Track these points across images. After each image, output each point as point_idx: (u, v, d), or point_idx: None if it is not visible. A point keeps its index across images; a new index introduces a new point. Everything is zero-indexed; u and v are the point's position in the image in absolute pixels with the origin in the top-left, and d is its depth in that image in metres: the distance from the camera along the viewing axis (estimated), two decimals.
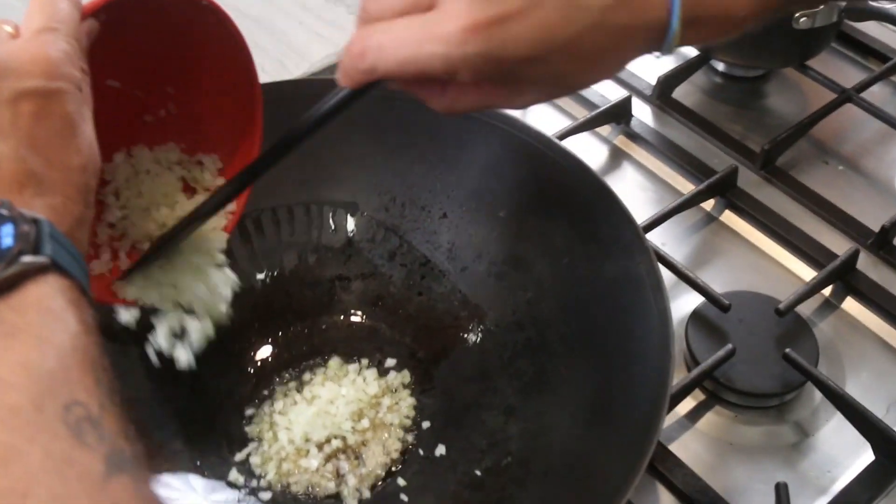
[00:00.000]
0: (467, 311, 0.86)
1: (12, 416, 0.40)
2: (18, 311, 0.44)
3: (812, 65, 1.13)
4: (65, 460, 0.39)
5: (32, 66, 0.51)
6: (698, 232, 0.99)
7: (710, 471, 0.79)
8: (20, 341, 0.43)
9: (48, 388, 0.41)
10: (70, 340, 0.44)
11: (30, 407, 0.40)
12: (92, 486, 0.39)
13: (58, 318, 0.45)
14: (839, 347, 0.88)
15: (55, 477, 0.38)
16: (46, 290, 0.45)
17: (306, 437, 0.78)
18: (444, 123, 0.86)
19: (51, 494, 0.38)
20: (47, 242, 0.46)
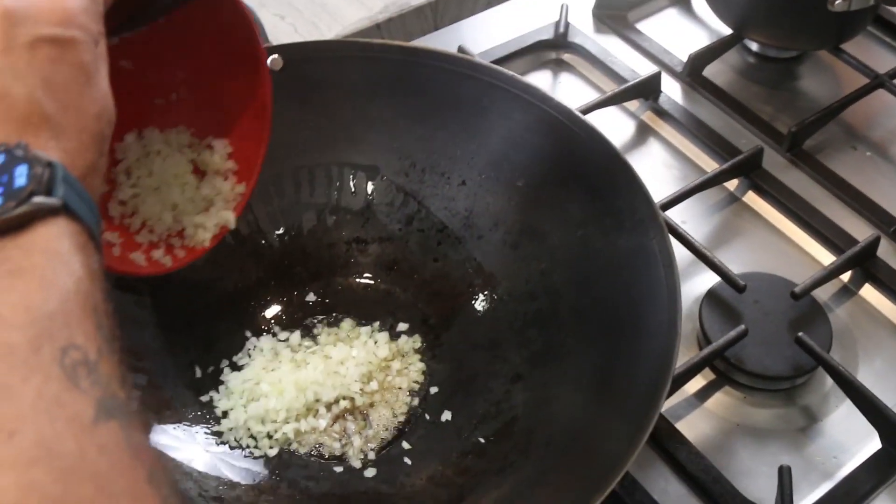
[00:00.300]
0: (481, 279, 0.86)
1: (8, 353, 0.40)
2: (25, 251, 0.44)
3: (846, 48, 1.12)
4: (56, 402, 0.39)
5: (50, 14, 0.52)
6: (720, 211, 0.99)
7: (716, 450, 0.79)
8: (24, 281, 0.43)
9: (47, 330, 0.41)
10: (74, 284, 0.44)
11: (26, 347, 0.40)
12: (80, 430, 0.39)
13: (63, 262, 0.45)
14: (854, 334, 0.88)
15: (44, 417, 0.38)
16: (55, 233, 0.45)
17: (316, 397, 0.79)
18: (467, 91, 0.86)
19: (38, 435, 0.38)
20: (60, 185, 0.46)
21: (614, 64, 1.11)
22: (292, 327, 0.84)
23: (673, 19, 1.22)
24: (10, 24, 0.50)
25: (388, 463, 0.76)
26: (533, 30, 1.15)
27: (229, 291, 0.86)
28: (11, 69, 0.49)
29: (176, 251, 0.72)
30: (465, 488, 0.73)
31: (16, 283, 0.43)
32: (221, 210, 0.73)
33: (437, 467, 0.75)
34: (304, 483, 0.74)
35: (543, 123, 0.84)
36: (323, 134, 0.89)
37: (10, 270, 0.43)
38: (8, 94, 0.49)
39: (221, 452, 0.76)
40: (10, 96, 0.49)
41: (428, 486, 0.74)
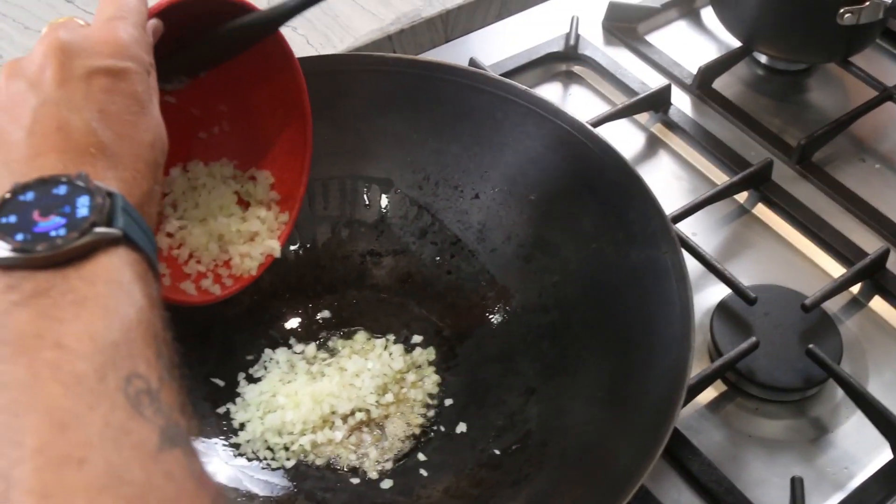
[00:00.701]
0: (494, 292, 0.87)
1: (76, 383, 0.41)
2: (88, 281, 0.45)
3: (855, 61, 1.12)
4: (122, 430, 0.40)
5: (103, 46, 0.54)
6: (730, 224, 0.99)
7: (728, 461, 0.80)
8: (88, 311, 0.43)
9: (111, 359, 0.42)
10: (136, 313, 0.45)
11: (93, 376, 0.41)
12: (146, 457, 0.40)
13: (125, 291, 0.45)
14: (864, 346, 0.89)
15: (111, 446, 0.39)
16: (116, 263, 0.46)
17: (332, 409, 0.79)
18: (481, 105, 0.87)
19: (106, 463, 0.39)
20: (120, 215, 0.47)
21: (624, 76, 1.12)
22: (308, 339, 0.85)
23: (682, 32, 1.23)
24: (67, 56, 0.52)
25: (404, 475, 0.77)
26: (543, 42, 1.16)
27: (245, 304, 0.86)
28: (68, 101, 0.51)
29: (224, 280, 0.74)
30: (481, 500, 0.73)
31: (80, 312, 0.43)
32: (266, 239, 0.76)
33: (452, 479, 0.76)
34: (321, 494, 0.75)
35: (556, 137, 0.85)
36: (336, 147, 0.90)
37: (74, 300, 0.44)
38: (66, 126, 0.50)
39: (239, 465, 0.76)
40: (69, 127, 0.50)
41: (444, 497, 0.74)
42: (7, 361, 0.42)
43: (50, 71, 0.52)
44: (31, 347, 0.42)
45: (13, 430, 0.39)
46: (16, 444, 0.39)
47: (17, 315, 0.43)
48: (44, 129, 0.50)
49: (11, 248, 0.45)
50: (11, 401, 0.40)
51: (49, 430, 0.39)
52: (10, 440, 0.39)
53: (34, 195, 0.47)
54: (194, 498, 0.40)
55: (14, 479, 0.38)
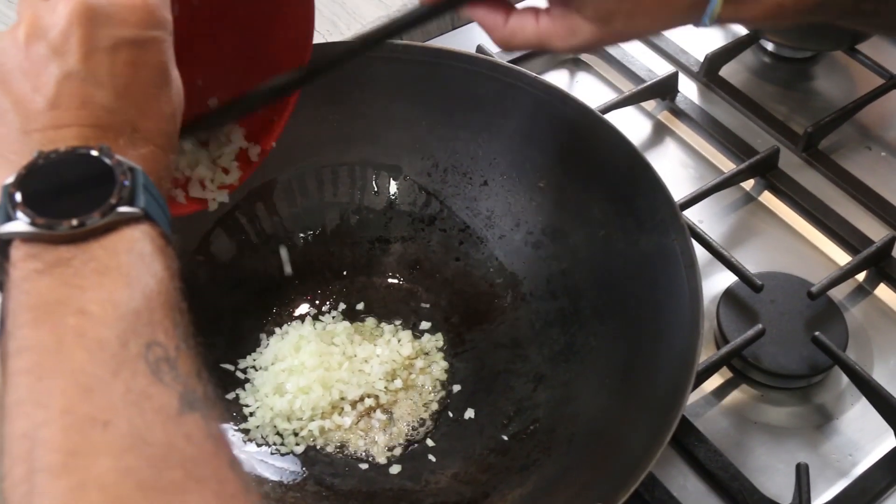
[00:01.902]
0: (503, 279, 0.87)
1: (99, 349, 0.42)
2: (110, 252, 0.46)
3: (861, 49, 1.12)
4: (144, 395, 0.41)
5: (130, 13, 0.52)
6: (736, 211, 1.00)
7: (733, 448, 0.80)
8: (110, 279, 0.45)
9: (133, 327, 0.43)
10: (156, 284, 0.46)
11: (115, 342, 0.42)
12: (167, 420, 0.41)
13: (146, 263, 0.46)
14: (869, 333, 0.89)
15: (134, 409, 0.40)
16: (137, 236, 0.47)
17: (341, 395, 0.80)
18: (490, 92, 0.87)
19: (130, 425, 0.40)
20: (141, 194, 0.48)
21: (631, 64, 1.12)
22: (317, 326, 0.85)
23: None
24: (94, 24, 0.50)
25: (413, 460, 0.78)
26: None
27: (254, 290, 0.87)
28: (94, 76, 0.50)
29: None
30: (489, 485, 0.74)
31: (103, 280, 0.45)
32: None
33: (460, 465, 0.77)
34: (330, 480, 0.76)
35: (565, 124, 0.85)
36: (346, 134, 0.90)
37: (96, 269, 0.45)
38: (91, 102, 0.50)
39: (250, 450, 0.77)
40: (93, 104, 0.50)
41: (452, 483, 0.75)
42: (30, 326, 0.43)
43: (75, 39, 0.50)
44: (55, 313, 0.43)
45: (37, 393, 0.41)
46: (41, 405, 0.40)
47: (39, 282, 0.44)
48: (67, 103, 0.50)
49: (31, 222, 0.45)
50: (35, 364, 0.42)
51: (75, 393, 0.41)
52: (35, 402, 0.41)
53: (57, 167, 0.47)
54: (213, 458, 0.42)
55: (40, 439, 0.39)
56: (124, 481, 0.38)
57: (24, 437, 0.40)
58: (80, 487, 0.38)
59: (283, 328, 0.85)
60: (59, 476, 0.38)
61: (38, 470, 0.39)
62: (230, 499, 0.41)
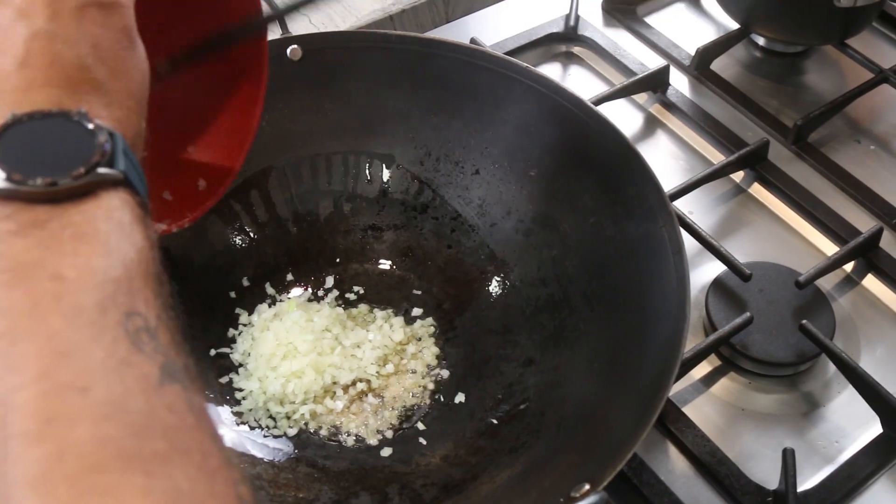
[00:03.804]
0: (494, 266, 0.88)
1: (76, 315, 0.40)
2: (89, 217, 0.44)
3: (852, 43, 1.13)
4: (124, 363, 0.39)
5: None
6: (726, 202, 1.01)
7: (721, 434, 0.81)
8: (89, 246, 0.43)
9: (111, 295, 0.41)
10: (135, 253, 0.44)
11: (94, 309, 0.40)
12: (148, 389, 0.39)
13: (125, 232, 0.45)
14: (856, 322, 0.90)
15: (114, 376, 0.39)
16: (116, 203, 0.45)
17: (334, 379, 0.81)
18: (482, 82, 0.88)
19: (109, 392, 0.38)
20: (120, 157, 0.46)
21: (623, 57, 1.13)
22: (310, 312, 0.86)
23: (681, 14, 1.24)
24: None
25: (404, 443, 0.79)
26: (543, 22, 1.17)
27: (248, 276, 0.88)
28: (62, 34, 0.49)
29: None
30: (479, 467, 0.75)
31: (80, 247, 0.43)
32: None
33: (450, 447, 0.78)
34: (322, 462, 0.77)
35: (556, 114, 0.86)
36: (339, 123, 0.91)
37: (74, 235, 0.43)
38: (60, 60, 0.48)
39: (243, 431, 0.78)
40: (63, 62, 0.48)
41: (442, 465, 0.76)
42: (3, 288, 0.41)
43: (40, 1, 0.49)
44: (30, 276, 0.41)
45: (11, 357, 0.39)
46: (15, 369, 0.39)
47: (14, 243, 0.43)
48: (37, 62, 0.48)
49: (7, 177, 0.43)
50: (9, 328, 0.40)
51: (51, 358, 0.39)
52: (9, 366, 0.39)
53: (33, 127, 0.46)
54: (195, 430, 0.40)
55: (14, 404, 0.38)
56: (104, 449, 0.37)
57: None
58: (57, 455, 0.36)
59: (277, 314, 0.85)
60: (34, 443, 0.37)
61: (12, 436, 0.37)
62: (213, 472, 0.39)
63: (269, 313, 0.85)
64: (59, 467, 0.36)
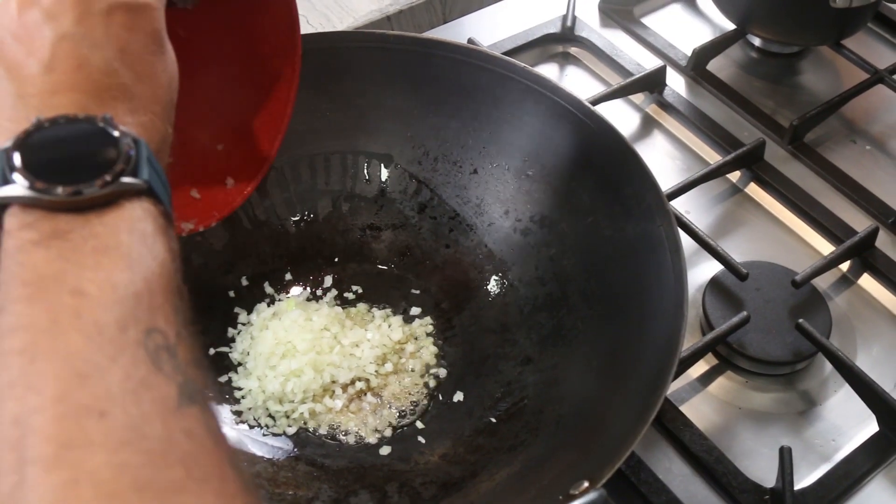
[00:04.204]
0: (492, 265, 0.89)
1: (97, 333, 0.40)
2: (111, 229, 0.44)
3: (847, 44, 1.14)
4: (143, 384, 0.39)
5: None
6: (723, 202, 1.01)
7: (718, 432, 0.82)
8: (110, 259, 0.42)
9: (132, 312, 0.41)
10: (157, 267, 0.44)
11: (114, 327, 0.40)
12: (167, 413, 0.39)
13: (147, 244, 0.44)
14: (852, 321, 0.90)
15: (132, 399, 0.38)
16: (139, 213, 0.45)
17: (332, 378, 0.81)
18: (480, 82, 0.89)
19: (127, 416, 0.38)
20: (145, 165, 0.46)
21: (620, 57, 1.13)
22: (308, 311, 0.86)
23: (677, 14, 1.24)
24: None
25: (403, 441, 0.79)
26: (540, 23, 1.17)
27: (247, 276, 0.88)
28: (89, 38, 0.48)
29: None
30: (478, 465, 0.75)
31: (102, 260, 0.42)
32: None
33: (449, 446, 0.78)
34: (321, 460, 0.77)
35: (554, 114, 0.86)
36: (338, 122, 0.91)
37: (96, 247, 0.43)
38: (87, 64, 0.48)
39: (242, 430, 0.78)
40: (89, 66, 0.48)
41: (441, 463, 0.76)
42: (23, 302, 0.41)
43: (68, 3, 0.49)
44: (50, 290, 0.41)
45: (30, 376, 0.39)
46: (34, 390, 0.38)
47: (35, 254, 0.42)
48: (63, 66, 0.48)
49: (31, 185, 0.43)
50: (28, 344, 0.40)
51: (69, 379, 0.38)
52: (28, 385, 0.38)
53: (58, 133, 0.45)
54: (212, 455, 0.40)
55: (32, 427, 0.37)
56: (120, 478, 0.36)
57: (15, 424, 0.38)
58: (72, 483, 0.36)
59: (276, 313, 0.85)
60: (51, 469, 0.36)
61: (29, 461, 0.37)
62: (231, 499, 0.39)
63: (268, 312, 0.85)
64: (74, 495, 0.36)
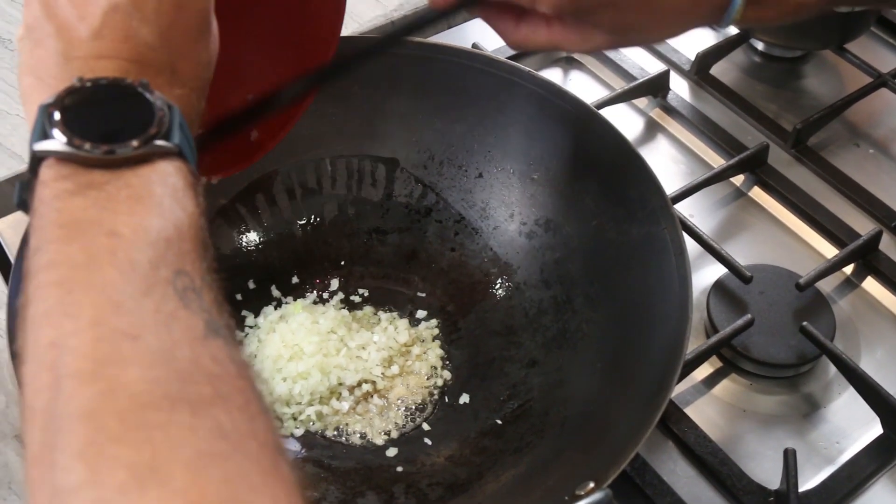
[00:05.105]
0: (497, 268, 0.89)
1: (130, 269, 0.42)
2: (145, 181, 0.46)
3: (850, 48, 1.14)
4: (172, 316, 0.41)
5: None
6: (726, 206, 1.02)
7: (722, 434, 0.82)
8: (144, 206, 0.45)
9: (162, 254, 0.43)
10: (186, 217, 0.46)
11: (146, 265, 0.43)
12: (194, 340, 0.41)
13: (178, 196, 0.47)
14: (856, 324, 0.91)
15: (163, 328, 0.41)
16: (171, 170, 0.47)
17: (339, 381, 0.81)
18: (485, 86, 0.89)
19: (159, 341, 0.40)
20: (177, 131, 0.48)
21: (623, 62, 1.14)
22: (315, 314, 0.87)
23: None
24: None
25: (409, 443, 0.79)
26: None
27: (254, 279, 0.88)
28: (140, 12, 0.51)
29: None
30: (483, 467, 0.76)
31: (136, 207, 0.45)
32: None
33: (455, 447, 0.78)
34: (328, 461, 0.77)
35: (559, 117, 0.86)
36: (344, 127, 0.92)
37: (130, 195, 0.45)
38: (135, 37, 0.50)
39: None
40: (136, 39, 0.50)
41: (447, 465, 0.77)
42: (60, 241, 0.43)
43: None
44: (87, 232, 0.43)
45: (67, 305, 0.41)
46: (70, 316, 0.41)
47: (71, 202, 0.45)
48: (112, 35, 0.50)
49: (69, 141, 0.45)
50: (65, 277, 0.42)
51: (105, 307, 0.41)
52: (64, 312, 0.41)
53: (97, 95, 0.48)
54: (236, 380, 0.42)
55: (69, 347, 0.40)
56: (153, 390, 0.39)
57: (51, 346, 0.40)
58: (109, 393, 0.38)
59: (283, 316, 0.86)
60: (88, 382, 0.39)
61: (66, 375, 0.39)
62: (254, 416, 0.41)
63: (275, 315, 0.85)
64: (110, 403, 0.38)
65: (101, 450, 0.37)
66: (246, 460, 0.39)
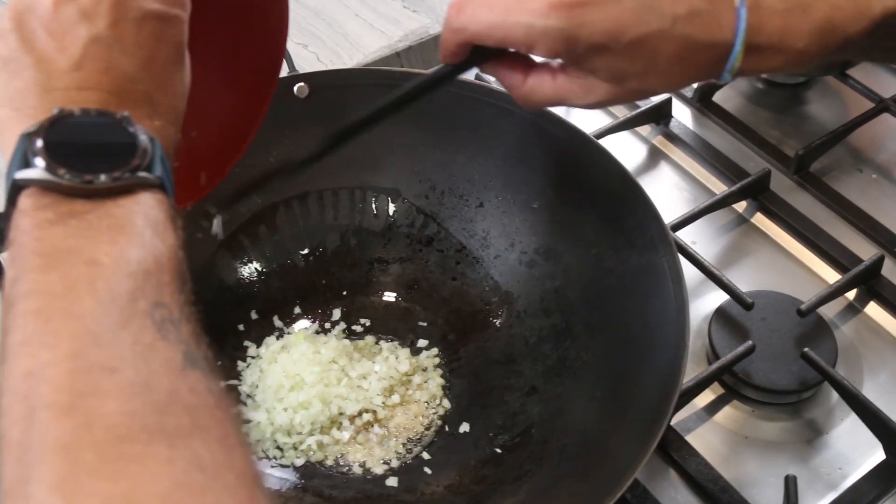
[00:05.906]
0: (498, 297, 0.90)
1: (109, 299, 0.43)
2: (126, 212, 0.47)
3: (852, 73, 1.14)
4: (150, 348, 0.42)
5: None
6: (729, 232, 1.02)
7: (724, 461, 0.82)
8: (125, 237, 0.45)
9: (142, 286, 0.44)
10: (166, 249, 0.46)
11: (125, 296, 0.43)
12: (172, 372, 0.42)
13: (158, 228, 0.47)
14: (859, 350, 0.91)
15: (140, 360, 0.41)
16: (152, 203, 0.48)
17: (340, 410, 0.82)
18: (486, 117, 0.90)
19: (136, 373, 0.40)
20: (158, 163, 0.49)
21: None
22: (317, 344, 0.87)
23: None
24: None
25: (409, 472, 0.80)
26: None
27: (256, 309, 0.89)
28: (120, 43, 0.51)
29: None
30: (483, 496, 0.76)
31: (117, 237, 0.45)
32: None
33: (455, 476, 0.79)
34: (329, 491, 0.78)
35: (558, 147, 0.87)
36: (346, 158, 0.92)
37: (111, 225, 0.46)
38: (115, 69, 0.51)
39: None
40: (116, 70, 0.51)
41: (447, 494, 0.77)
42: (39, 271, 0.43)
43: (105, 6, 0.51)
44: (66, 261, 0.44)
45: (44, 335, 0.41)
46: (47, 346, 0.41)
47: (51, 231, 0.45)
48: (92, 67, 0.50)
49: (50, 170, 0.46)
50: (43, 306, 0.42)
51: (82, 338, 0.41)
52: (41, 343, 0.41)
53: (79, 125, 0.48)
54: (214, 410, 0.42)
55: (45, 378, 0.40)
56: (131, 423, 0.39)
57: (27, 377, 0.40)
58: (86, 425, 0.38)
59: (284, 346, 0.86)
60: (64, 414, 0.39)
61: (41, 406, 0.39)
62: (232, 448, 0.41)
63: (277, 345, 0.86)
64: (87, 436, 0.38)
65: (78, 483, 0.37)
66: (223, 492, 0.39)
